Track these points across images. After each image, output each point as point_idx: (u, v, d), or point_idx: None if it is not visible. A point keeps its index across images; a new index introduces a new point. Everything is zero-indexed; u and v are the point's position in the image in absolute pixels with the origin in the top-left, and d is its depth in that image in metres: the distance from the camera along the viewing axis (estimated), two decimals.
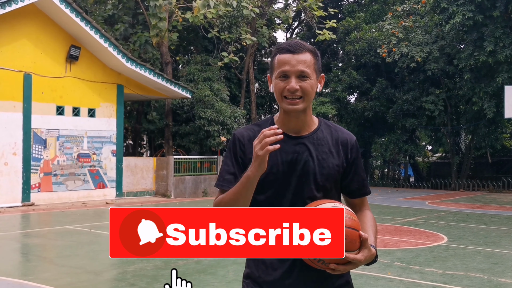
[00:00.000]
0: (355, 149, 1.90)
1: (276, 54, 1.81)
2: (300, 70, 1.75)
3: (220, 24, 17.89)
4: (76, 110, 15.00)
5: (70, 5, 13.86)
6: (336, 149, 1.86)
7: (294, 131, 1.84)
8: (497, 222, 11.37)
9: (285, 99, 1.78)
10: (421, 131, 25.56)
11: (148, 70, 15.89)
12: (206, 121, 18.24)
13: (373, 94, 23.42)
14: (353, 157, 1.89)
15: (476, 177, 23.20)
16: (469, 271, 6.27)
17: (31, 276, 5.93)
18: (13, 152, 13.47)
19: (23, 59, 13.71)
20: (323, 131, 1.87)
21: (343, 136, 1.89)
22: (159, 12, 16.35)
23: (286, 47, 1.79)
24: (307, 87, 1.77)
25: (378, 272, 6.03)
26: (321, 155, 1.83)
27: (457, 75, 22.12)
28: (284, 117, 1.84)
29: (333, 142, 1.86)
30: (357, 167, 1.91)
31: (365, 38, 22.97)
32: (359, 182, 1.91)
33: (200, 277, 5.82)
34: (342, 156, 1.86)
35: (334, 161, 1.84)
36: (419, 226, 10.35)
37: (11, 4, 12.63)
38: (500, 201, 17.06)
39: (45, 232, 9.57)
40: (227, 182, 1.82)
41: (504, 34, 18.68)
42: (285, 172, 1.80)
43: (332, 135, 1.87)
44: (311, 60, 1.79)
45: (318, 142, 1.85)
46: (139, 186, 16.80)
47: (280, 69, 1.77)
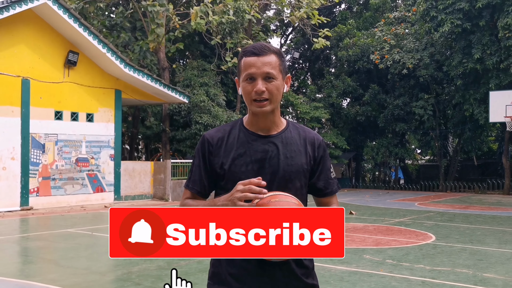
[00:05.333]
0: (322, 148, 1.92)
1: (242, 57, 1.84)
2: (265, 72, 1.78)
3: (221, 30, 18.12)
4: (75, 115, 15.09)
5: (68, 10, 13.91)
6: (304, 148, 1.88)
7: (263, 130, 1.86)
8: (482, 221, 11.71)
9: (254, 102, 1.80)
10: (411, 135, 26.05)
11: (146, 75, 15.99)
12: (203, 126, 18.46)
13: (365, 99, 23.86)
14: (320, 156, 1.91)
15: (463, 179, 23.73)
16: (456, 267, 6.49)
17: (38, 277, 5.97)
18: (11, 157, 13.47)
19: (21, 64, 13.72)
20: (291, 131, 1.89)
21: (311, 135, 1.91)
22: (157, 18, 16.55)
23: (251, 50, 1.81)
24: (273, 89, 1.79)
25: (371, 269, 6.25)
26: (290, 153, 1.84)
27: (445, 81, 22.63)
28: (253, 118, 1.86)
29: (300, 141, 1.88)
30: (323, 166, 1.92)
31: (358, 44, 23.39)
32: (325, 181, 1.92)
33: (202, 276, 5.83)
34: (309, 154, 1.88)
35: (302, 159, 1.86)
36: (409, 226, 10.59)
37: (9, 9, 12.65)
38: (485, 201, 17.48)
39: (47, 235, 9.56)
40: (193, 183, 1.89)
41: (490, 42, 19.19)
42: (254, 171, 1.80)
43: (300, 134, 1.90)
44: (276, 62, 1.80)
45: (287, 141, 1.86)
46: (137, 190, 16.92)
47: (247, 71, 1.80)
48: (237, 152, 1.84)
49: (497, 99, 18.72)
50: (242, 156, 1.82)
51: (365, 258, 7.00)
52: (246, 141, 1.85)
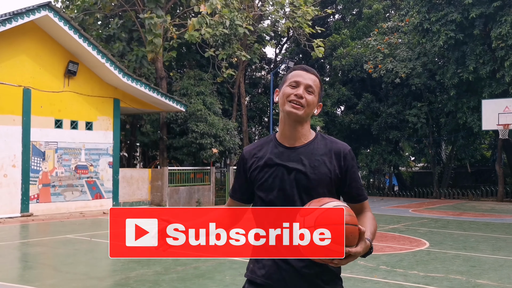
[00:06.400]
0: (349, 158, 2.00)
1: (292, 71, 2.04)
2: (309, 84, 1.98)
3: (214, 42, 18.41)
4: (74, 123, 15.30)
5: (68, 22, 14.16)
6: (329, 158, 1.98)
7: (290, 142, 2.01)
8: (476, 228, 11.79)
9: (290, 102, 1.96)
10: (405, 142, 26.36)
11: (144, 84, 16.24)
12: (199, 134, 18.68)
13: (359, 108, 24.15)
14: (347, 165, 1.99)
15: (456, 186, 23.96)
16: (449, 273, 6.51)
17: (38, 283, 5.98)
18: (12, 164, 13.65)
19: (22, 74, 13.94)
20: (318, 143, 2.02)
21: (337, 146, 2.01)
22: (155, 29, 16.81)
23: (302, 66, 2.05)
24: (310, 100, 1.97)
25: (365, 275, 6.28)
26: (313, 163, 1.95)
27: (438, 90, 22.96)
28: (284, 127, 2.02)
29: (326, 152, 1.99)
30: (353, 174, 2.02)
31: (351, 54, 23.71)
32: (356, 188, 2.03)
33: (198, 281, 5.97)
34: (334, 164, 1.97)
35: (325, 169, 1.96)
36: (403, 232, 10.69)
37: (11, 21, 12.90)
38: (479, 208, 17.59)
39: (47, 241, 9.61)
40: (233, 191, 2.12)
41: (483, 51, 19.49)
42: (279, 179, 1.96)
43: (326, 145, 2.01)
44: (318, 84, 2.03)
45: (312, 151, 1.98)
46: (135, 197, 17.12)
47: (293, 79, 1.99)
48: (266, 163, 2.00)
49: (490, 108, 18.98)
50: (270, 166, 1.98)
51: (359, 264, 6.98)
52: (274, 152, 2.01)
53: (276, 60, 30.03)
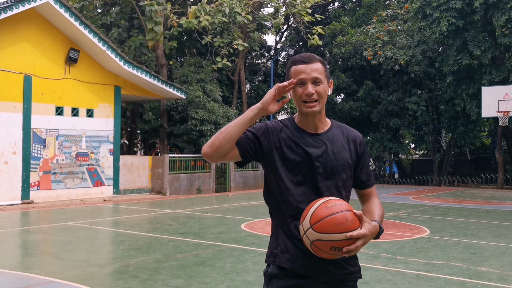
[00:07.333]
0: (363, 145, 2.15)
1: (291, 66, 2.04)
2: (314, 77, 2.00)
3: (212, 29, 18.32)
4: (75, 111, 15.31)
5: (69, 9, 14.11)
6: (347, 144, 2.10)
7: (312, 129, 2.08)
8: (476, 215, 11.78)
9: (304, 103, 2.01)
10: (405, 130, 26.39)
11: (145, 72, 16.23)
12: (199, 121, 18.69)
13: (360, 95, 24.14)
14: (361, 151, 2.13)
15: (456, 173, 24.02)
16: (450, 260, 6.54)
17: (37, 270, 5.98)
18: (13, 151, 13.68)
19: (23, 61, 13.93)
20: (335, 130, 2.11)
21: (353, 134, 2.14)
22: (155, 16, 16.72)
23: (300, 59, 2.03)
24: (321, 91, 2.01)
25: (366, 263, 6.26)
26: (336, 149, 2.06)
27: (438, 77, 22.94)
28: (303, 117, 2.08)
29: (344, 139, 2.10)
30: (365, 160, 2.15)
31: (351, 41, 23.64)
32: (367, 174, 2.15)
33: (199, 269, 5.98)
34: (352, 150, 2.10)
35: (347, 154, 2.07)
36: (404, 220, 10.69)
37: (12, 8, 12.86)
38: (479, 195, 17.64)
39: (47, 228, 9.55)
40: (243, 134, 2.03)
41: (484, 38, 19.42)
42: (305, 163, 2.02)
43: (343, 133, 2.12)
44: (322, 68, 2.03)
45: (333, 138, 2.08)
46: (135, 184, 17.18)
47: (297, 77, 2.01)
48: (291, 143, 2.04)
49: (490, 95, 18.98)
50: (295, 148, 2.03)
51: (360, 251, 7.05)
52: (299, 135, 2.05)
53: (277, 48, 29.91)
